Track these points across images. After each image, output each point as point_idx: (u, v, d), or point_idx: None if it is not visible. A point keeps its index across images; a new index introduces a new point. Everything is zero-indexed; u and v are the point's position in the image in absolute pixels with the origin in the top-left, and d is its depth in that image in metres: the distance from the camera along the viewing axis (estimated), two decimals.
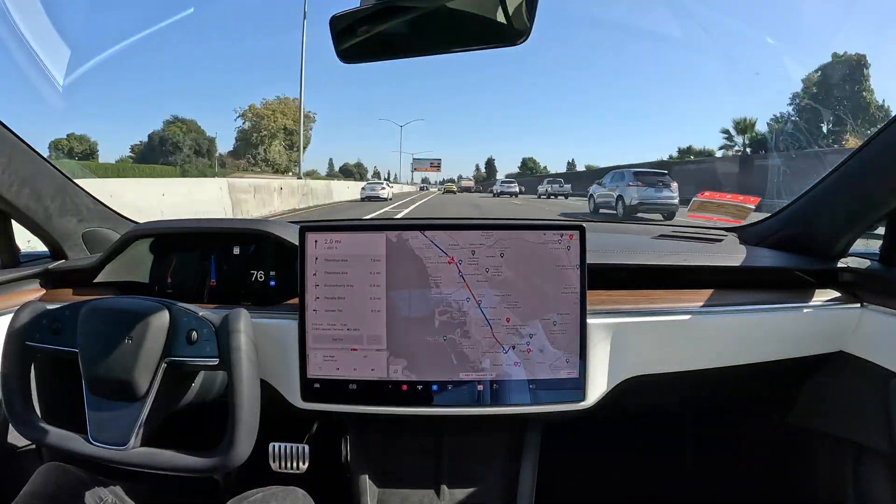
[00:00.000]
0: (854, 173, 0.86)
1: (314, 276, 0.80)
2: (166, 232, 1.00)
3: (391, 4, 0.65)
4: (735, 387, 1.00)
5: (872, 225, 0.89)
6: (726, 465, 1.22)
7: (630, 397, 0.86)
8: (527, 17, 0.66)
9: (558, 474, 1.10)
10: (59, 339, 0.75)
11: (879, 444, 0.82)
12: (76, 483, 0.78)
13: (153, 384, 0.71)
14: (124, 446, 0.70)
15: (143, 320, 0.70)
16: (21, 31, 1.10)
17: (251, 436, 0.70)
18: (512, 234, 0.79)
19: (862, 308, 0.88)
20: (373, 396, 0.80)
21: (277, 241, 0.92)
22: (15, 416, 0.75)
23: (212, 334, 0.71)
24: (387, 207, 14.04)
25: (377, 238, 0.79)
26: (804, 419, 1.01)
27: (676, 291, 0.89)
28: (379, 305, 0.79)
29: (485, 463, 0.94)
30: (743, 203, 1.16)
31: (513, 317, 0.79)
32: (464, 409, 0.80)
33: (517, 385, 0.79)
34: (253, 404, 0.70)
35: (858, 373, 0.87)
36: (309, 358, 0.80)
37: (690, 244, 1.06)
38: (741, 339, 0.88)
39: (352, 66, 0.74)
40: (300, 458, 0.95)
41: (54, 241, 1.03)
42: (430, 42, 0.72)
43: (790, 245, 1.01)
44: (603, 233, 1.15)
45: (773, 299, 0.89)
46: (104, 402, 0.72)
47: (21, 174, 0.90)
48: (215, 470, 0.70)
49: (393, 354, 0.79)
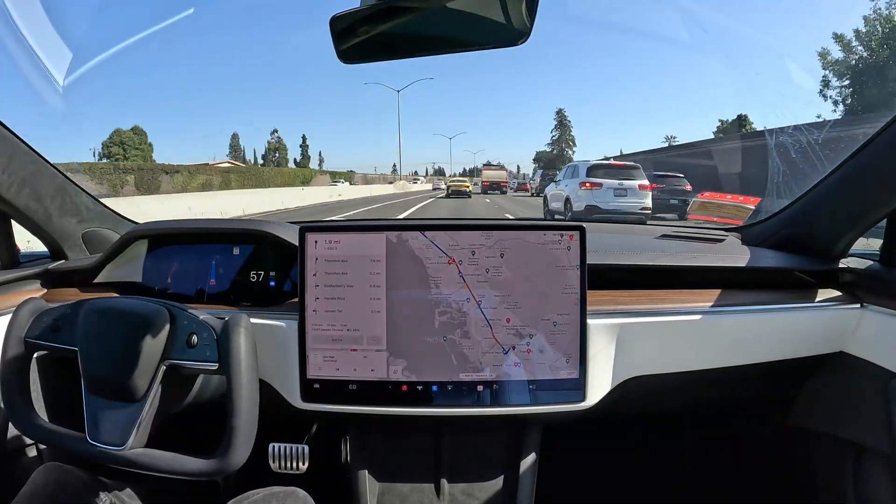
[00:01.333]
0: (854, 173, 0.86)
1: (314, 277, 0.80)
2: (166, 232, 1.00)
3: (391, 4, 0.65)
4: (735, 387, 1.00)
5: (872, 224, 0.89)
6: (726, 465, 1.22)
7: (630, 398, 0.86)
8: (527, 17, 0.66)
9: (558, 475, 1.10)
10: (60, 337, 0.75)
11: (879, 444, 0.82)
12: (75, 483, 0.78)
13: (152, 386, 0.71)
14: (122, 447, 0.70)
15: (144, 322, 0.70)
16: (21, 31, 1.10)
17: (249, 441, 0.70)
18: (512, 235, 0.79)
19: (862, 308, 0.88)
20: (373, 397, 0.80)
21: (277, 242, 0.92)
22: (14, 412, 0.75)
23: (212, 339, 0.71)
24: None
25: (377, 238, 0.79)
26: (804, 419, 1.01)
27: (677, 292, 0.89)
28: (379, 306, 0.79)
29: (485, 463, 0.94)
30: (743, 203, 1.17)
31: (513, 317, 0.79)
32: (464, 409, 0.80)
33: (517, 386, 0.79)
34: (251, 410, 0.70)
35: (858, 373, 0.87)
36: (309, 358, 0.80)
37: (692, 244, 1.06)
38: (741, 339, 0.88)
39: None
40: (300, 458, 0.94)
41: (54, 241, 1.03)
42: (430, 42, 0.72)
43: (790, 245, 1.01)
44: (604, 233, 1.15)
45: (773, 299, 0.89)
46: (103, 402, 0.72)
47: (21, 174, 0.90)
48: (212, 474, 0.70)
49: (393, 355, 0.79)
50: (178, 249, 1.00)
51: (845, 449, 0.91)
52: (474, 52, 0.74)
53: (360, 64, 0.75)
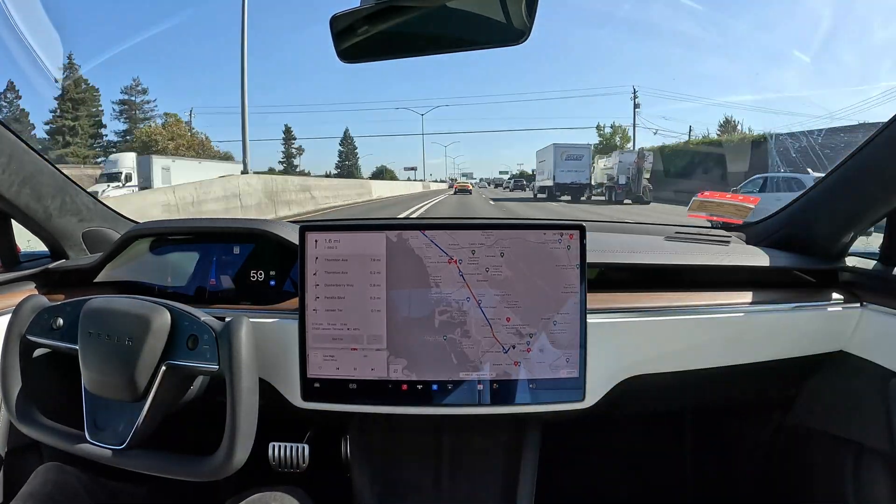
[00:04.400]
0: (854, 173, 0.86)
1: (314, 276, 0.80)
2: (166, 232, 1.00)
3: (391, 4, 0.65)
4: (735, 386, 1.00)
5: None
6: (726, 465, 1.22)
7: (630, 397, 0.87)
8: (527, 16, 0.66)
9: (558, 474, 1.10)
10: (60, 335, 0.75)
11: (879, 444, 0.82)
12: (74, 483, 0.78)
13: (152, 386, 0.71)
14: (121, 446, 0.70)
15: (144, 322, 0.70)
16: (20, 30, 1.10)
17: (248, 443, 0.70)
18: (512, 234, 0.79)
19: (862, 308, 0.88)
20: (373, 396, 0.80)
21: (277, 241, 0.92)
22: (14, 410, 0.75)
23: (212, 340, 0.70)
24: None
25: (377, 238, 0.79)
26: (804, 418, 1.01)
27: (677, 291, 0.89)
28: (379, 305, 0.79)
29: (485, 462, 0.94)
30: (743, 202, 1.16)
31: (513, 316, 0.79)
32: (464, 408, 0.80)
33: (517, 385, 0.79)
34: (251, 412, 0.70)
35: (858, 372, 0.87)
36: (309, 357, 0.80)
37: (697, 246, 1.06)
38: (741, 338, 0.88)
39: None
40: (300, 457, 0.95)
41: (54, 240, 1.03)
42: (430, 42, 0.72)
43: (790, 245, 1.01)
44: (609, 233, 1.15)
45: (773, 299, 0.89)
46: (102, 402, 0.72)
47: (21, 174, 0.90)
48: (212, 475, 0.69)
49: (393, 354, 0.79)
50: (179, 249, 1.00)
51: (845, 448, 0.91)
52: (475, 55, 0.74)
53: (360, 63, 0.75)
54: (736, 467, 1.20)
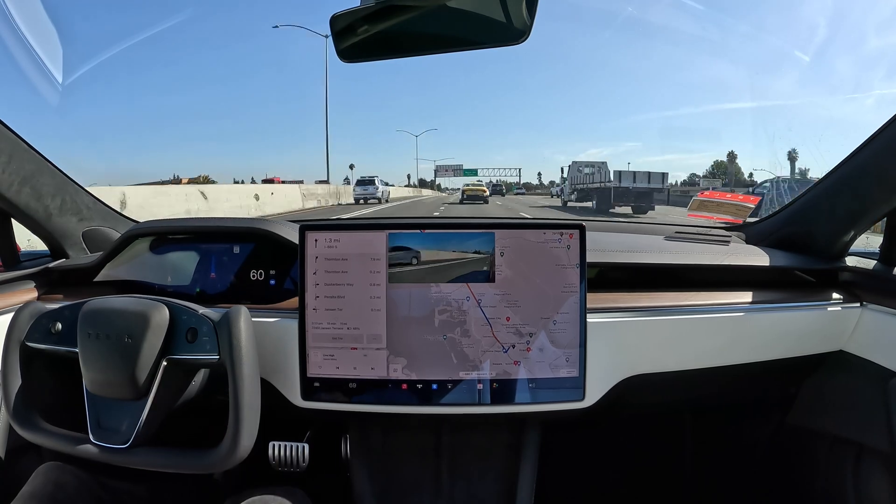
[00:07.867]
0: (853, 173, 0.86)
1: (314, 275, 0.80)
2: (166, 231, 1.00)
3: (391, 4, 0.65)
4: (735, 386, 1.00)
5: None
6: (726, 465, 1.22)
7: (630, 396, 0.86)
8: (527, 16, 0.66)
9: (558, 473, 1.10)
10: (59, 339, 0.75)
11: (879, 443, 0.82)
12: (75, 483, 0.78)
13: (153, 383, 0.71)
14: (125, 445, 0.70)
15: (142, 319, 0.70)
16: (21, 30, 1.10)
17: (253, 431, 0.70)
18: (512, 234, 0.79)
19: (862, 308, 0.88)
20: (373, 395, 0.80)
21: (277, 241, 0.92)
22: (16, 416, 0.75)
23: (211, 331, 0.71)
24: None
25: (377, 237, 0.79)
26: (804, 419, 1.01)
27: (677, 291, 0.89)
28: (379, 304, 0.79)
29: (484, 462, 0.94)
30: (742, 202, 1.16)
31: (513, 316, 0.79)
32: (463, 408, 0.80)
33: (517, 384, 0.79)
34: (254, 400, 0.70)
35: (858, 372, 0.87)
36: (309, 357, 0.80)
37: (697, 246, 1.06)
38: (741, 338, 0.88)
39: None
40: (300, 457, 0.95)
41: (54, 240, 1.03)
42: (430, 41, 0.72)
43: (790, 245, 1.01)
44: (609, 232, 1.15)
45: (772, 298, 0.89)
46: (104, 402, 0.72)
47: (21, 173, 0.90)
48: (217, 467, 0.69)
49: (393, 353, 0.79)
50: (179, 248, 1.00)
51: (845, 447, 0.91)
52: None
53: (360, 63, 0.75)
54: (736, 467, 1.20)
